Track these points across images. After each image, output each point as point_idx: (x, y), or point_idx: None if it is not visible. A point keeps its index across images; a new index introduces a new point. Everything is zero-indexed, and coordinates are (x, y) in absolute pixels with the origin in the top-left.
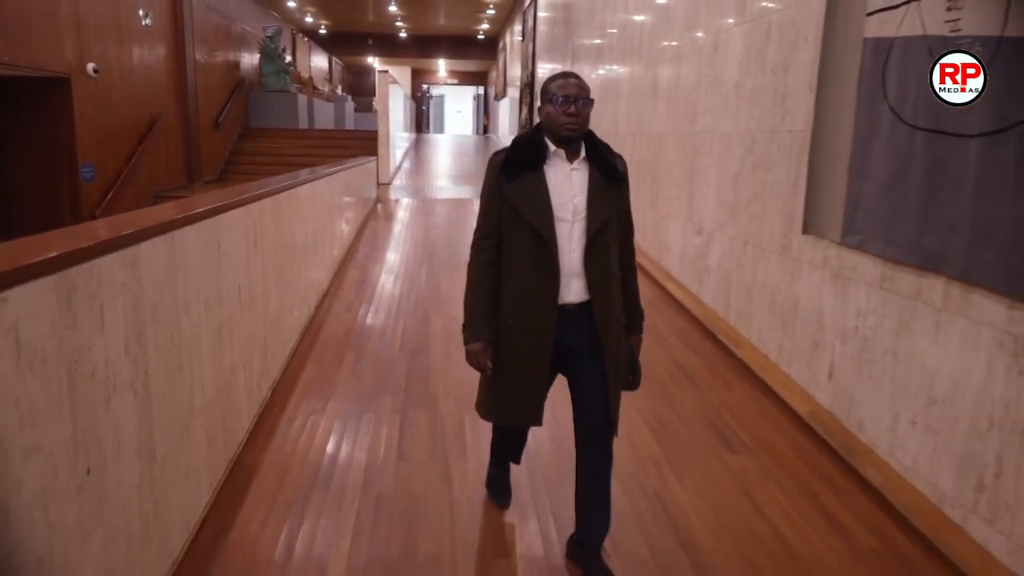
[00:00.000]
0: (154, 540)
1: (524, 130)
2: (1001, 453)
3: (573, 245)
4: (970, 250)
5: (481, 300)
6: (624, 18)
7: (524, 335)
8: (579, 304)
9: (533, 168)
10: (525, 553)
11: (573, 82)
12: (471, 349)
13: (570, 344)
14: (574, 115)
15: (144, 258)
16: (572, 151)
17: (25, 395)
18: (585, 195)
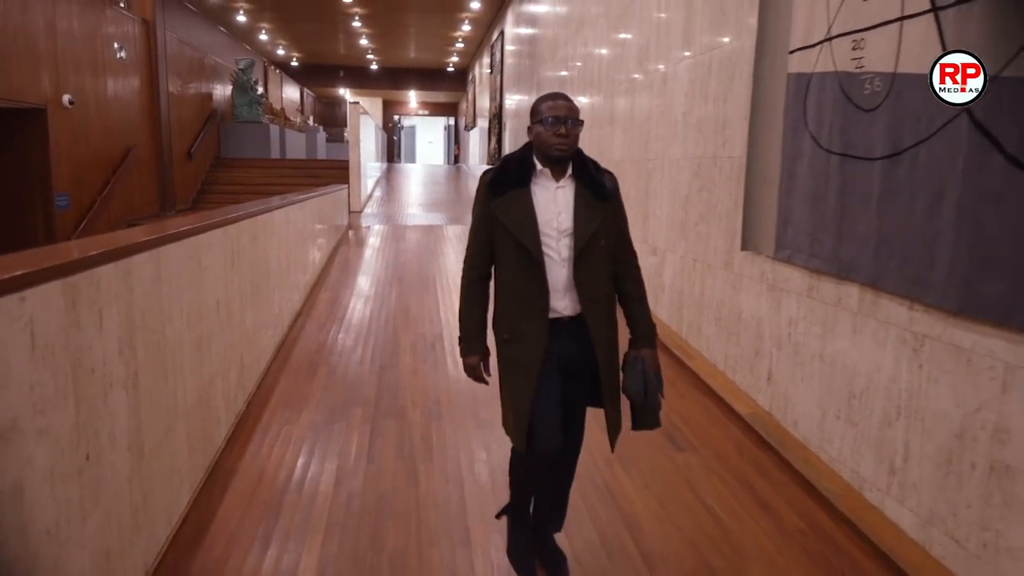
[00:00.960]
0: (143, 529)
1: (494, 159)
2: (907, 438)
3: (561, 260)
4: (876, 259)
5: (474, 314)
6: (584, 52)
7: (518, 348)
8: (571, 317)
9: (520, 185)
10: (488, 542)
11: (562, 103)
12: (468, 363)
13: (567, 355)
14: (564, 136)
15: (135, 270)
16: (559, 170)
17: (38, 382)
18: (571, 212)
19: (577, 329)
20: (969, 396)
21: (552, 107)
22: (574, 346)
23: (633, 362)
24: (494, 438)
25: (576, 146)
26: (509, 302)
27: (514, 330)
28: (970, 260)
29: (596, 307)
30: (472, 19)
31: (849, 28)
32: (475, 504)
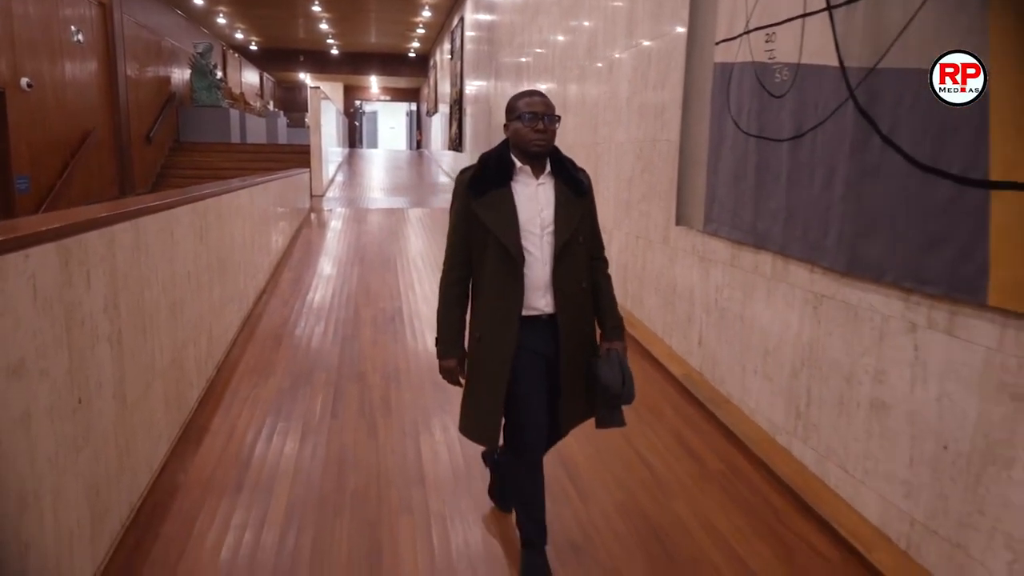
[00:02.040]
0: (126, 471)
1: (455, 144)
2: (810, 386)
3: (543, 258)
4: (785, 230)
5: (452, 317)
6: (540, 40)
7: (489, 347)
8: (550, 315)
9: (500, 184)
10: (439, 480)
11: (539, 100)
12: (445, 365)
13: (549, 353)
14: (542, 131)
15: (117, 237)
16: (538, 166)
17: (39, 329)
18: (552, 209)
19: (553, 327)
20: (855, 345)
21: (529, 103)
22: (549, 344)
23: (608, 354)
24: (448, 398)
25: (553, 142)
26: (486, 301)
27: (488, 329)
28: (854, 227)
29: (571, 304)
30: (432, 5)
31: (763, 23)
32: (429, 452)
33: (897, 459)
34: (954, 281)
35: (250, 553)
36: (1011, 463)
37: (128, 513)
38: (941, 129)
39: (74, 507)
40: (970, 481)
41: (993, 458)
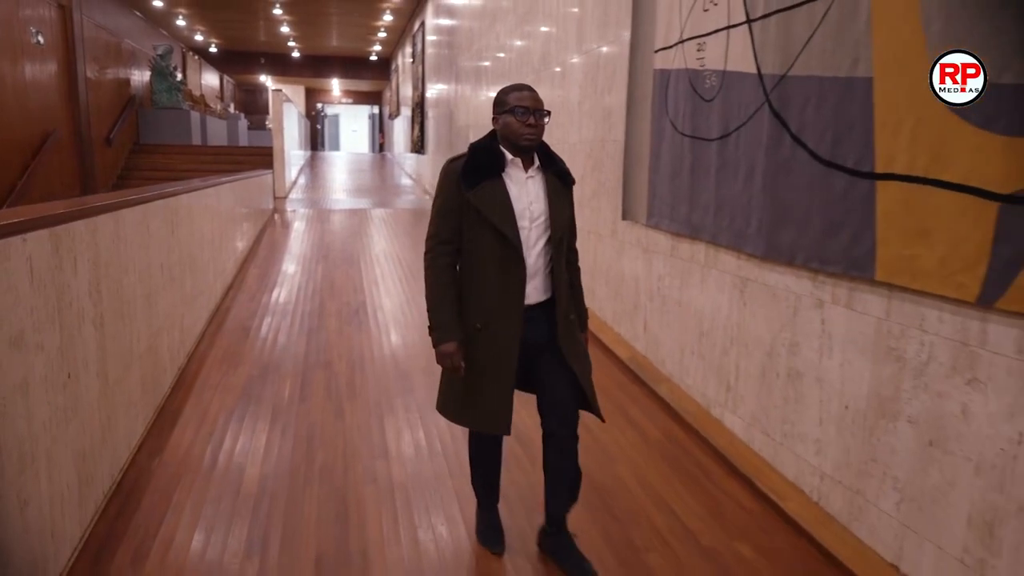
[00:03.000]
0: (108, 444)
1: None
2: (737, 361)
3: (531, 248)
4: (715, 221)
5: (447, 302)
6: (497, 45)
7: (493, 335)
8: (539, 304)
9: (492, 175)
10: (401, 454)
11: (528, 94)
12: (444, 350)
13: (534, 341)
14: (533, 126)
15: (100, 227)
16: (527, 160)
17: (35, 307)
18: (543, 201)
19: (543, 314)
20: (774, 322)
21: (520, 98)
22: (539, 330)
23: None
24: (412, 383)
25: (542, 136)
26: (482, 290)
27: (489, 317)
28: (771, 216)
29: (564, 290)
30: (394, 9)
31: (695, 33)
32: (393, 430)
33: (808, 421)
34: (849, 261)
35: (227, 519)
36: (896, 416)
37: (110, 484)
38: (838, 128)
39: (64, 472)
40: (866, 435)
41: (883, 412)
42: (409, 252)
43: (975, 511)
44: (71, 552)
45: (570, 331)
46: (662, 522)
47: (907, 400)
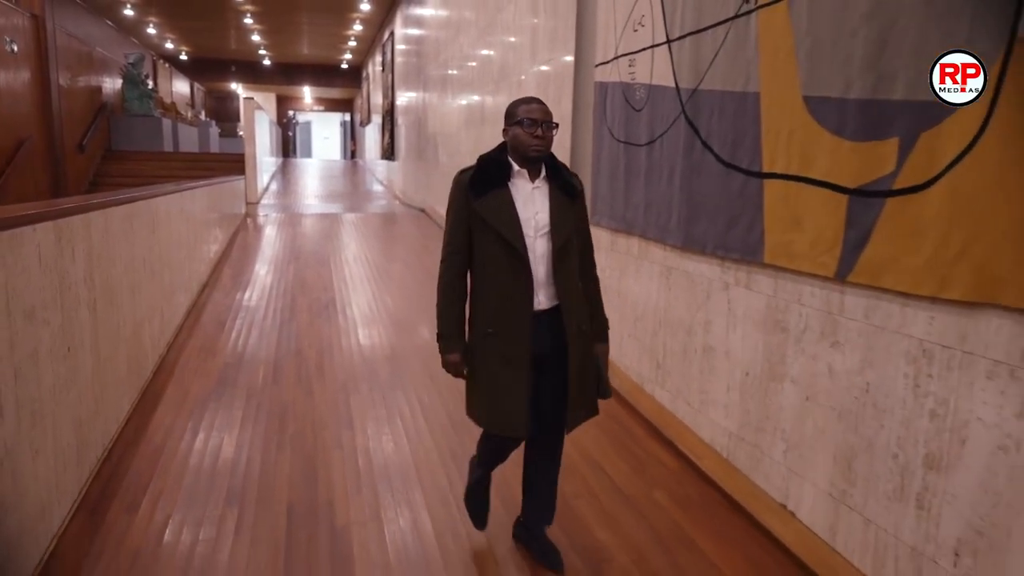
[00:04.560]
0: (100, 416)
1: (387, 154)
2: (664, 341)
3: (538, 258)
4: (645, 217)
5: (455, 312)
6: (461, 56)
7: (504, 341)
8: (546, 311)
9: (499, 185)
10: (365, 425)
11: (536, 107)
12: (449, 360)
13: (540, 350)
14: (540, 137)
15: (93, 222)
16: (534, 171)
17: (43, 288)
18: (547, 212)
19: (550, 323)
20: (692, 304)
21: (528, 110)
22: (548, 339)
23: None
24: (377, 368)
25: (551, 148)
26: (492, 297)
27: (499, 324)
28: (687, 212)
29: (571, 300)
30: (363, 19)
31: (627, 51)
32: (359, 405)
33: (719, 389)
34: (745, 247)
35: (208, 478)
36: (782, 378)
37: (103, 451)
38: (736, 135)
39: (65, 433)
40: (761, 396)
41: (773, 376)
42: (378, 254)
43: (838, 451)
44: (71, 504)
45: (577, 341)
46: (591, 476)
47: (790, 364)
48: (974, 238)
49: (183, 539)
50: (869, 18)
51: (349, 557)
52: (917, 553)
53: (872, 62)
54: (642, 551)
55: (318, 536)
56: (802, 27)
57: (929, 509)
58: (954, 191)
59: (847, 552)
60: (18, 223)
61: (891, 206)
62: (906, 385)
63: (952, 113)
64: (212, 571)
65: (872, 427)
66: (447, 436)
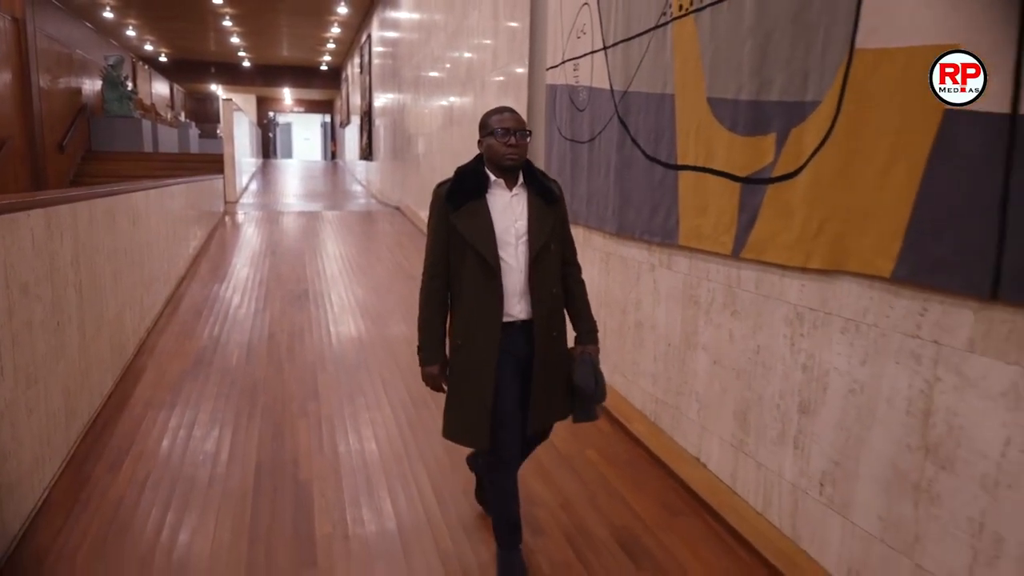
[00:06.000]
0: (85, 389)
1: (365, 154)
2: (605, 320)
3: (519, 266)
4: (588, 208)
5: (434, 325)
6: (432, 59)
7: (470, 353)
8: (525, 320)
9: (476, 196)
10: (330, 397)
11: (509, 116)
12: (428, 372)
13: (524, 356)
14: (514, 146)
15: (79, 212)
16: (511, 179)
17: (36, 267)
18: (526, 219)
19: (530, 331)
20: (627, 286)
21: (500, 120)
22: (525, 349)
23: (582, 358)
24: (345, 351)
25: (525, 156)
26: (465, 309)
27: (468, 335)
28: (620, 202)
29: (545, 309)
30: (341, 22)
31: (571, 56)
32: (324, 381)
33: (647, 360)
34: (665, 232)
35: (184, 442)
36: (696, 346)
37: (88, 419)
38: (657, 131)
39: (56, 399)
40: (679, 363)
41: (689, 345)
42: (353, 249)
43: (737, 407)
44: (61, 461)
45: (550, 348)
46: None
47: (701, 333)
48: (829, 217)
49: (160, 492)
50: (753, 32)
51: (310, 504)
52: (794, 487)
53: (756, 69)
54: (569, 498)
55: (283, 487)
56: (706, 37)
57: (803, 449)
58: (814, 177)
59: (744, 493)
60: (13, 208)
61: (771, 192)
62: (785, 344)
63: (814, 111)
64: (187, 517)
65: (761, 383)
66: (405, 408)
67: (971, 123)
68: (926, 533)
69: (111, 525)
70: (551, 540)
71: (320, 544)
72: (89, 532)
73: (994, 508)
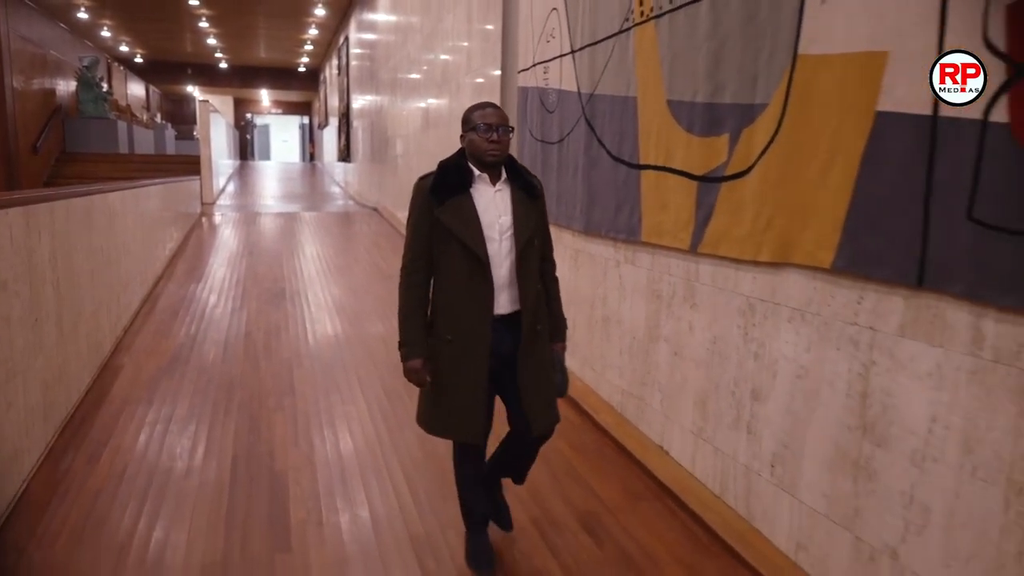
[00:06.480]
0: (62, 384)
1: (344, 155)
2: (574, 316)
3: (502, 260)
4: (558, 207)
5: (416, 319)
6: (408, 62)
7: (463, 347)
8: (508, 315)
9: (460, 191)
10: (305, 393)
11: (491, 111)
12: (411, 366)
13: (502, 353)
14: (496, 142)
15: (56, 211)
16: (494, 174)
17: (14, 264)
18: (510, 214)
19: (512, 325)
20: (594, 281)
21: (483, 115)
22: (509, 341)
23: (552, 357)
24: (321, 348)
25: (507, 151)
26: (452, 303)
27: (458, 330)
28: (587, 201)
29: (532, 303)
30: (319, 24)
31: (541, 59)
32: (299, 377)
33: (614, 353)
34: (629, 229)
35: (161, 436)
36: (658, 339)
37: (66, 414)
38: (622, 133)
39: (34, 393)
40: (644, 356)
41: (652, 337)
42: (330, 249)
43: (696, 396)
44: (39, 454)
45: (535, 342)
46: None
47: (663, 326)
48: (776, 212)
49: (138, 483)
50: (708, 38)
51: (285, 493)
52: (748, 470)
53: (711, 73)
54: (538, 485)
55: (259, 478)
56: (665, 43)
57: (755, 433)
58: (763, 175)
59: (703, 477)
60: None
61: (725, 189)
62: (739, 334)
63: (763, 112)
64: (164, 507)
65: (718, 372)
66: (379, 402)
67: (898, 124)
68: (864, 507)
69: (89, 516)
70: (518, 525)
71: (295, 530)
72: (68, 522)
73: (922, 481)
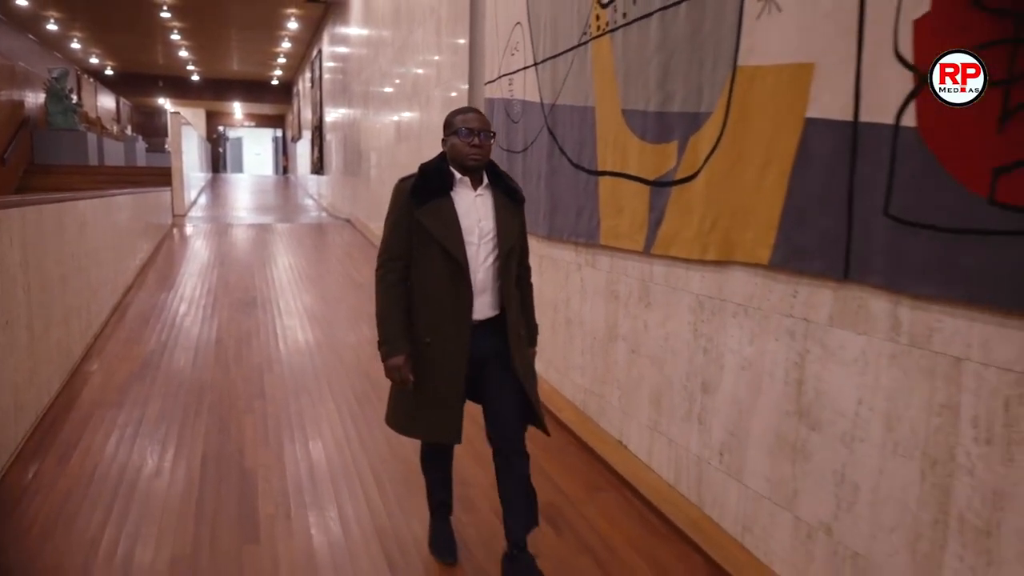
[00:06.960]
0: (34, 386)
1: (317, 168)
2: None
3: (480, 265)
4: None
5: (396, 317)
6: (380, 75)
7: (441, 351)
8: (487, 319)
9: (441, 194)
10: (275, 397)
11: (473, 116)
12: (393, 364)
13: (481, 356)
14: (478, 146)
15: (28, 216)
16: (476, 179)
17: None
18: (491, 219)
19: (492, 329)
20: (556, 285)
21: (465, 120)
22: (487, 345)
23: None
24: (291, 354)
25: (489, 156)
26: (431, 306)
27: (436, 333)
28: (549, 207)
29: (513, 306)
30: (292, 36)
31: (507, 71)
32: (269, 381)
33: (576, 354)
34: (588, 233)
35: (131, 438)
36: (616, 338)
37: (36, 416)
38: (582, 141)
39: (5, 395)
40: (603, 355)
41: (610, 337)
42: (303, 260)
43: (652, 391)
44: (9, 455)
45: (519, 347)
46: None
47: (621, 325)
48: (719, 214)
49: (108, 483)
50: (658, 50)
51: (254, 489)
52: (699, 459)
53: (661, 83)
54: None
55: (229, 476)
56: (619, 55)
57: (706, 423)
58: (709, 179)
59: (659, 469)
60: None
61: (674, 193)
62: (690, 330)
63: (707, 120)
64: (134, 504)
65: (671, 367)
66: (349, 404)
67: (824, 130)
68: (802, 488)
69: (60, 515)
70: (480, 515)
71: (263, 524)
72: (38, 521)
73: (851, 460)
